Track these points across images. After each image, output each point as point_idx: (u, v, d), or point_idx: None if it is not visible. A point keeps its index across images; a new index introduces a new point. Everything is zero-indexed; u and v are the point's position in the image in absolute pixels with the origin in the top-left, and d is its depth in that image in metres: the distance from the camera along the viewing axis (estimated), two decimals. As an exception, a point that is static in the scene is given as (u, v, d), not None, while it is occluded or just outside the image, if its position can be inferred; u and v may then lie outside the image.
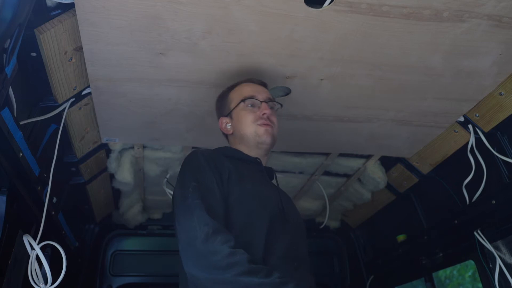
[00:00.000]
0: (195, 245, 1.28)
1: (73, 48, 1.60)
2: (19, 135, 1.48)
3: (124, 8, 1.37)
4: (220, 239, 1.27)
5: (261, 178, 1.61)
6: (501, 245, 2.01)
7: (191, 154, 1.59)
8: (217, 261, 1.24)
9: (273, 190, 1.63)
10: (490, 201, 1.97)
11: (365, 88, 1.83)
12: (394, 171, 2.62)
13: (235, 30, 1.48)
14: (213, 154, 1.57)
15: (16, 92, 1.46)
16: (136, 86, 1.76)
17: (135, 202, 2.94)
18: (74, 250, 2.58)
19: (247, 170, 1.57)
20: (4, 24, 1.12)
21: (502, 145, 1.98)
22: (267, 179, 1.65)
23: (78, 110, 1.93)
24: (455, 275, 7.12)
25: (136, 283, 3.13)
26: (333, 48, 1.59)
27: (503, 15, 1.46)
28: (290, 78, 1.76)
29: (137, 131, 2.13)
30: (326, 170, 2.66)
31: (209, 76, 1.72)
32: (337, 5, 1.39)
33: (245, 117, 1.63)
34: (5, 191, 1.55)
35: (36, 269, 1.62)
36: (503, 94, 1.83)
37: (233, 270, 1.22)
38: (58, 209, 2.11)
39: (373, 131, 2.17)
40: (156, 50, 1.56)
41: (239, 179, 1.50)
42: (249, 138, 1.62)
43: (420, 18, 1.46)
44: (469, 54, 1.64)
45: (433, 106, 1.96)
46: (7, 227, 1.56)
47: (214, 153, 1.59)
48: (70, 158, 2.21)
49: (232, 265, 1.23)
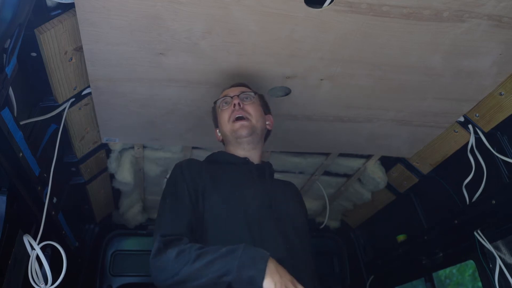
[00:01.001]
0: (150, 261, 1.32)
1: (73, 48, 1.60)
2: (19, 135, 1.48)
3: (124, 8, 1.37)
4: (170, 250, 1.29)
5: (246, 178, 1.56)
6: (501, 245, 2.01)
7: (174, 168, 1.58)
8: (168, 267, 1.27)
9: (260, 188, 1.54)
10: (490, 201, 1.97)
11: (365, 88, 1.83)
12: (394, 171, 2.62)
13: (235, 30, 1.48)
14: (193, 164, 1.57)
15: (16, 92, 1.46)
16: (136, 86, 1.76)
17: (135, 202, 2.94)
18: (74, 250, 2.58)
19: (232, 173, 1.55)
20: (4, 24, 1.12)
21: (502, 145, 1.98)
22: (254, 178, 1.57)
23: (78, 110, 1.93)
24: (455, 274, 7.12)
25: (136, 283, 3.13)
26: (333, 48, 1.59)
27: (503, 15, 1.46)
28: (290, 78, 1.76)
29: (137, 131, 2.13)
30: (326, 170, 2.66)
31: (209, 76, 1.72)
32: (337, 5, 1.39)
33: (222, 118, 1.64)
34: (5, 191, 1.55)
35: (36, 269, 1.62)
36: (503, 94, 1.83)
37: (184, 265, 1.24)
38: (58, 209, 2.11)
39: (373, 131, 2.17)
40: (156, 50, 1.56)
41: (214, 186, 1.49)
42: (229, 137, 1.62)
43: (420, 18, 1.46)
44: (469, 54, 1.64)
45: (433, 106, 1.96)
46: (7, 227, 1.56)
47: (196, 163, 1.59)
48: (70, 158, 2.21)
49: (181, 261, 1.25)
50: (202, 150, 2.45)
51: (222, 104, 1.65)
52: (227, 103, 1.64)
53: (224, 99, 1.65)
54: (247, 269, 1.20)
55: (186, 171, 1.52)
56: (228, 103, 1.63)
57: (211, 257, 1.24)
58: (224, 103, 1.64)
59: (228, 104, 1.63)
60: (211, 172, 1.54)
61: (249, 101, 1.64)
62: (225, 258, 1.23)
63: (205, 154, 2.46)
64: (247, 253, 1.23)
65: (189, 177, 1.50)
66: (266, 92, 1.84)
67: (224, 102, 1.65)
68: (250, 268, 1.20)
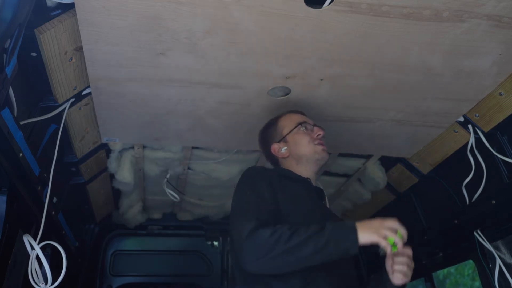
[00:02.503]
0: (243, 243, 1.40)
1: (73, 48, 1.60)
2: (19, 135, 1.48)
3: (124, 8, 1.37)
4: (262, 230, 1.39)
5: (310, 196, 1.71)
6: (501, 245, 2.01)
7: (248, 170, 1.73)
8: (264, 245, 1.37)
9: (319, 206, 1.74)
10: (490, 201, 1.97)
11: (365, 88, 1.83)
12: (394, 171, 2.62)
13: (235, 30, 1.48)
14: (266, 170, 1.73)
15: (16, 92, 1.46)
16: (136, 86, 1.76)
17: (135, 202, 2.94)
18: (74, 250, 2.58)
19: (298, 190, 1.68)
20: (4, 24, 1.12)
21: (502, 145, 1.98)
22: (316, 198, 1.74)
23: (78, 110, 1.93)
24: (453, 274, 7.12)
25: (136, 283, 3.14)
26: (333, 48, 1.59)
27: (503, 15, 1.46)
28: (290, 78, 1.76)
29: (137, 131, 2.13)
30: (326, 170, 2.66)
31: (209, 76, 1.72)
32: (337, 5, 1.39)
33: (303, 139, 1.79)
34: (5, 191, 1.55)
35: (36, 269, 1.62)
36: (503, 94, 1.83)
37: (279, 242, 1.36)
38: (58, 209, 2.11)
39: (373, 131, 2.17)
40: (156, 50, 1.56)
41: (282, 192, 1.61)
42: (308, 157, 1.77)
43: (420, 18, 1.46)
44: (469, 54, 1.64)
45: (433, 106, 1.96)
46: (7, 227, 1.56)
47: (268, 170, 1.74)
48: (70, 158, 2.21)
49: (277, 239, 1.36)
50: (202, 150, 2.45)
51: (304, 128, 1.82)
52: (307, 128, 1.82)
53: (306, 125, 1.83)
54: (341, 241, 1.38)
55: (260, 174, 1.66)
56: (307, 129, 1.82)
57: (305, 234, 1.37)
58: (305, 128, 1.82)
59: (308, 130, 1.82)
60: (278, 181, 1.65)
61: None
62: (317, 235, 1.37)
63: (205, 154, 2.49)
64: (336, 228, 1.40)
65: (266, 178, 1.63)
66: (266, 92, 1.84)
67: (305, 127, 1.82)
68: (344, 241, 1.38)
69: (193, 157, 2.49)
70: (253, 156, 2.51)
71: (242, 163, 2.54)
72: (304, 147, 1.78)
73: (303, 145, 1.79)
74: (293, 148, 1.80)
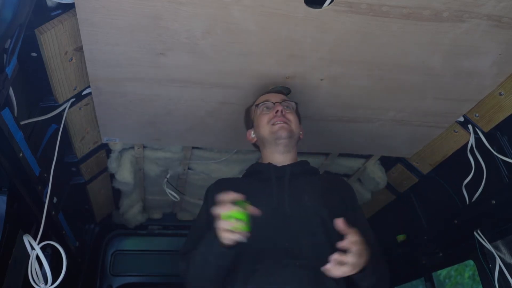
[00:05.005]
0: None
1: (73, 48, 1.60)
2: (20, 135, 1.48)
3: (124, 8, 1.37)
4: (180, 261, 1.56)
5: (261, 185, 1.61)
6: (501, 245, 2.01)
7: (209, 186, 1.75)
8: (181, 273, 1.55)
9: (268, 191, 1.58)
10: (490, 201, 1.97)
11: (365, 88, 1.83)
12: (394, 171, 2.62)
13: (235, 30, 1.49)
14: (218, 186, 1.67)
15: (16, 92, 1.46)
16: (136, 86, 1.76)
17: (135, 202, 2.94)
18: (74, 250, 2.58)
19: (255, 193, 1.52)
20: (4, 24, 1.12)
21: (502, 145, 1.98)
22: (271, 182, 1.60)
23: (78, 110, 1.93)
24: (453, 275, 7.12)
25: (136, 283, 3.14)
26: (333, 48, 1.59)
27: (503, 15, 1.46)
28: (290, 78, 1.76)
29: (137, 131, 2.13)
30: (326, 170, 2.66)
31: (209, 76, 1.73)
32: (337, 5, 1.39)
33: (261, 120, 1.71)
34: (5, 191, 1.55)
35: (36, 269, 1.62)
36: (503, 94, 1.83)
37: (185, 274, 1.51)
38: (58, 209, 2.11)
39: (373, 131, 2.17)
40: (156, 50, 1.56)
41: None
42: (267, 139, 1.69)
43: (420, 18, 1.46)
44: (469, 54, 1.64)
45: (433, 106, 1.96)
46: (7, 227, 1.56)
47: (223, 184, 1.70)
48: (71, 158, 2.21)
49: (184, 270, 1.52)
50: (202, 150, 2.45)
51: (263, 108, 1.73)
52: (268, 108, 1.72)
53: (266, 103, 1.72)
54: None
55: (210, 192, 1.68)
56: (269, 108, 1.71)
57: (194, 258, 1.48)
58: (265, 108, 1.72)
59: (269, 109, 1.71)
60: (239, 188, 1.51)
61: (289, 110, 1.73)
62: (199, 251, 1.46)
63: (205, 154, 2.49)
64: None
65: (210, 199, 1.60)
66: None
67: (265, 107, 1.72)
68: None
69: (193, 157, 2.49)
70: (253, 156, 2.51)
71: (242, 163, 2.55)
72: (262, 128, 1.69)
73: (262, 127, 1.70)
74: (257, 131, 1.74)
